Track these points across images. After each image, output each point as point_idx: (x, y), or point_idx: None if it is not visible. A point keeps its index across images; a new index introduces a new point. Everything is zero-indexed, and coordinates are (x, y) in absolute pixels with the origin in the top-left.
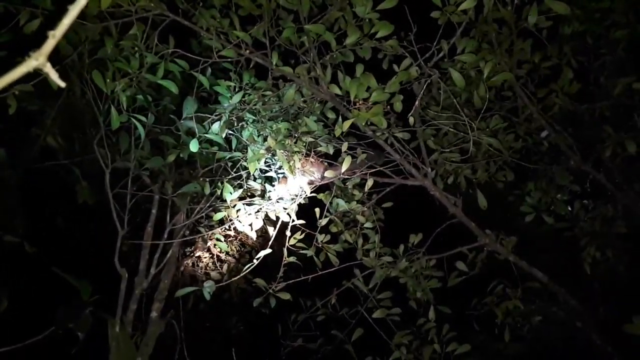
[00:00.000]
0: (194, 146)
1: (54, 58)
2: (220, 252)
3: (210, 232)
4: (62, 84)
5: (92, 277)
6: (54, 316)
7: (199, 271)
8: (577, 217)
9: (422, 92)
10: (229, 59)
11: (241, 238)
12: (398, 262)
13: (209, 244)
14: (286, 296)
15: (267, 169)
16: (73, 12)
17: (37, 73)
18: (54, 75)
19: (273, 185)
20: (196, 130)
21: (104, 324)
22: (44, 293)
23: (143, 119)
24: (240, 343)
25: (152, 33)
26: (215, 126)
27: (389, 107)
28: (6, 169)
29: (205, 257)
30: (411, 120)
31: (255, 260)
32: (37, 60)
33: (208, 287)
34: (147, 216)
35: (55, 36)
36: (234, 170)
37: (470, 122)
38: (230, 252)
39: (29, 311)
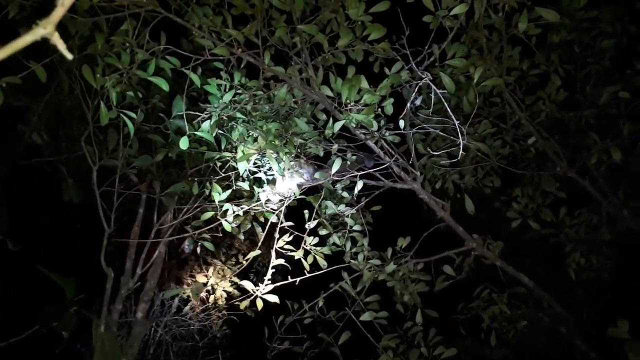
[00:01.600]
0: (183, 144)
1: (42, 53)
2: (207, 254)
3: (197, 232)
4: (70, 56)
5: (77, 276)
6: (37, 315)
7: (185, 274)
8: (563, 224)
9: (413, 96)
10: (221, 58)
11: (228, 240)
12: (386, 266)
13: (194, 246)
14: (273, 299)
15: (256, 170)
16: None
17: (24, 67)
18: (61, 46)
19: (262, 187)
20: (186, 128)
21: (89, 324)
22: (28, 291)
23: (133, 115)
24: (226, 346)
25: (143, 30)
26: (206, 125)
27: (379, 109)
28: None
29: (191, 260)
30: (401, 123)
31: (244, 262)
32: (45, 29)
33: (196, 289)
34: (134, 215)
35: (64, 4)
36: (223, 170)
37: (460, 126)
38: (217, 255)
39: (13, 309)
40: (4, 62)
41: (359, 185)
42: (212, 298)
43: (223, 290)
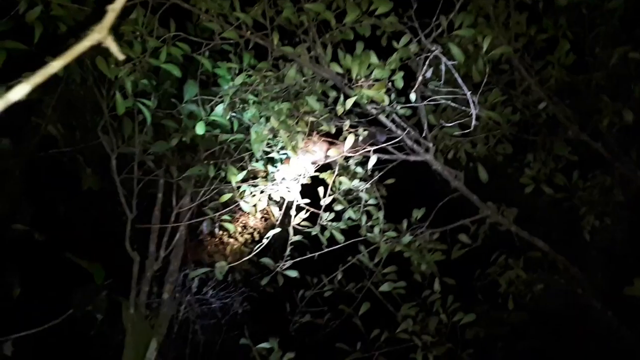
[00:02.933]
0: (200, 129)
1: (51, 46)
2: (223, 234)
3: (217, 214)
4: (121, 57)
5: (101, 261)
6: (69, 300)
7: (203, 254)
8: (576, 187)
9: (424, 68)
10: (230, 41)
11: (243, 220)
12: (402, 237)
13: (211, 227)
14: (293, 274)
15: (269, 150)
16: None
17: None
18: (114, 49)
19: (276, 166)
20: (202, 113)
21: (117, 307)
22: (55, 279)
23: (149, 103)
24: (248, 322)
25: (152, 17)
26: (219, 108)
27: (390, 83)
28: (10, 159)
29: (207, 240)
30: (412, 96)
31: (264, 240)
32: (100, 34)
33: (219, 268)
34: (152, 201)
35: (114, 10)
36: (237, 152)
37: (473, 96)
38: (233, 234)
39: (42, 297)
40: (20, 58)
41: (373, 159)
42: (230, 276)
43: (241, 268)
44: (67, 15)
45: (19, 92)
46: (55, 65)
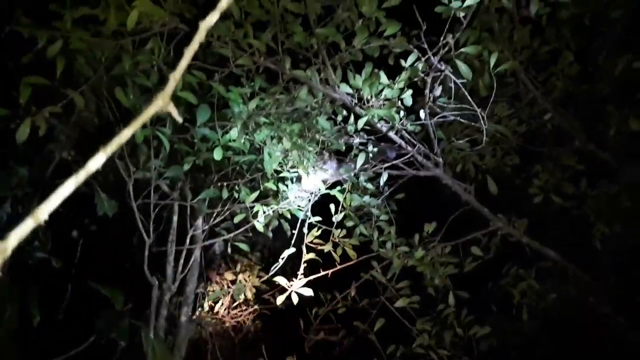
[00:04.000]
0: (217, 154)
1: (69, 77)
2: (233, 253)
3: (232, 235)
4: (180, 119)
5: (117, 286)
6: (89, 327)
7: (214, 273)
8: (585, 195)
9: (433, 86)
10: (242, 67)
11: (253, 237)
12: (414, 251)
13: (224, 248)
14: (308, 292)
15: (279, 169)
16: (188, 55)
17: (56, 94)
18: (175, 114)
19: (287, 185)
20: (216, 136)
21: (135, 332)
22: (74, 306)
23: (167, 131)
24: (261, 339)
25: (166, 47)
26: (233, 132)
27: (399, 101)
28: (27, 187)
29: (217, 259)
30: (422, 114)
31: (280, 260)
32: (163, 101)
33: (237, 290)
34: (166, 223)
35: (175, 78)
36: (249, 172)
37: (482, 112)
38: (242, 252)
39: (62, 324)
40: (41, 90)
41: (384, 176)
42: (242, 295)
43: (252, 286)
44: (86, 49)
45: (97, 161)
46: (126, 134)
